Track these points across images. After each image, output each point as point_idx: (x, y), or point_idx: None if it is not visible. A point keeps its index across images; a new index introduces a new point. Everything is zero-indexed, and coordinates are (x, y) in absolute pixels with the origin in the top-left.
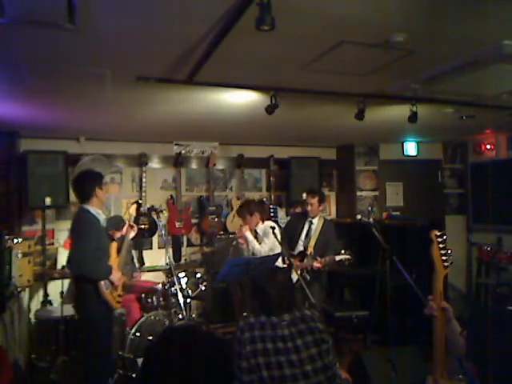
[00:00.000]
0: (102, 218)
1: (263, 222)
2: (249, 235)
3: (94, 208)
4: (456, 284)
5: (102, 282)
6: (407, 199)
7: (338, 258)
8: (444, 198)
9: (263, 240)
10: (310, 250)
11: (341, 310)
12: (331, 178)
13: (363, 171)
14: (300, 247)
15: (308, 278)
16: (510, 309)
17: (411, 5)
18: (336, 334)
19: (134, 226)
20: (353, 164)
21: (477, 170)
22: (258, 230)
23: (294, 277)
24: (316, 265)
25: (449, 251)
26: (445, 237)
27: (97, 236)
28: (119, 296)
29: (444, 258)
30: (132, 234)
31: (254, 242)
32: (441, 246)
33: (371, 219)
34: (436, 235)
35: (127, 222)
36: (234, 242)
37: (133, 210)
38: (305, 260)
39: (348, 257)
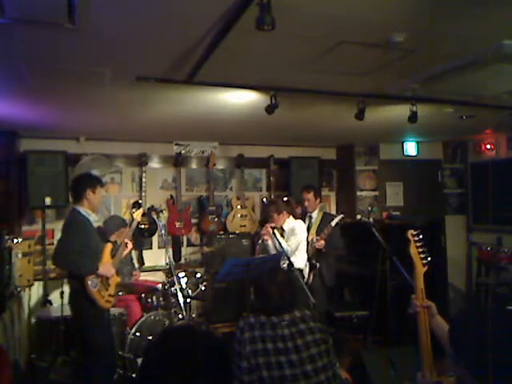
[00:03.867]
0: (92, 218)
1: (295, 219)
2: (275, 233)
3: (84, 209)
4: (456, 284)
5: (89, 281)
6: (407, 199)
7: (333, 223)
8: (444, 198)
9: (289, 238)
10: (311, 236)
11: (341, 309)
12: (331, 178)
13: (363, 171)
14: None
15: (317, 265)
16: (510, 309)
17: (411, 5)
18: (336, 334)
19: (129, 243)
20: (353, 164)
21: (477, 170)
22: (285, 227)
23: (306, 269)
24: (319, 244)
25: (426, 249)
26: (421, 236)
27: (85, 234)
28: (110, 296)
29: (422, 255)
30: (126, 252)
31: (281, 239)
32: (418, 244)
33: (371, 219)
34: (412, 234)
35: (126, 241)
36: (260, 241)
37: (138, 215)
38: (308, 247)
39: (341, 215)
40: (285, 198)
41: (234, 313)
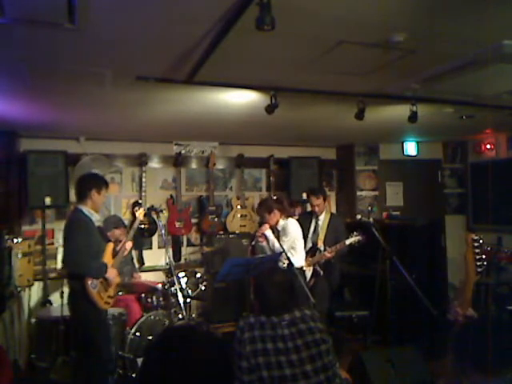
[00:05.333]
0: (95, 218)
1: (287, 218)
2: (269, 233)
3: (87, 208)
4: (456, 284)
5: (89, 282)
6: (407, 199)
7: (348, 241)
8: (444, 198)
9: (282, 238)
10: (320, 243)
11: (341, 309)
12: (331, 178)
13: (363, 171)
14: (309, 244)
15: (321, 272)
16: (510, 309)
17: (411, 5)
18: (336, 334)
19: (131, 243)
20: (353, 164)
21: (477, 170)
22: (279, 228)
23: (308, 274)
24: (327, 255)
25: (483, 256)
26: (481, 241)
27: (88, 234)
28: (109, 297)
29: (478, 263)
30: (126, 252)
31: (275, 240)
32: (476, 250)
33: (371, 219)
34: (473, 239)
35: (128, 242)
36: (253, 242)
37: (140, 214)
38: (316, 254)
39: (358, 238)
40: (274, 197)
41: (233, 313)
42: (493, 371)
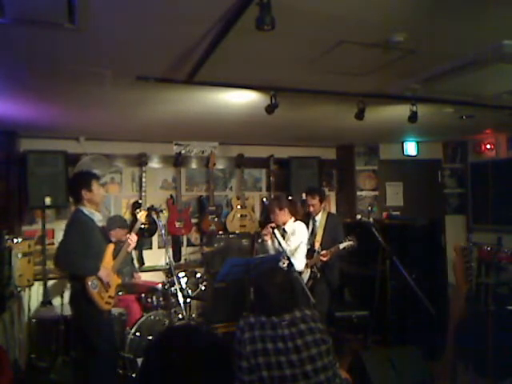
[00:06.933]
0: (96, 218)
1: (295, 221)
2: (276, 232)
3: (87, 208)
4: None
5: (90, 282)
6: (407, 199)
7: (341, 246)
8: (444, 198)
9: (289, 238)
10: (317, 245)
11: (341, 309)
12: (331, 178)
13: (363, 171)
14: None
15: (318, 275)
16: (510, 309)
17: (411, 5)
18: (336, 334)
19: (136, 237)
20: (353, 164)
21: (477, 170)
22: (287, 228)
23: (306, 275)
24: (322, 258)
25: (472, 264)
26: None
27: (88, 234)
28: (110, 297)
29: (468, 272)
30: (131, 247)
31: (281, 239)
32: (466, 259)
33: (371, 219)
34: (462, 248)
35: (130, 236)
36: (260, 240)
37: (142, 215)
38: (314, 256)
39: (351, 243)
40: (289, 197)
41: (233, 313)
42: (492, 373)
